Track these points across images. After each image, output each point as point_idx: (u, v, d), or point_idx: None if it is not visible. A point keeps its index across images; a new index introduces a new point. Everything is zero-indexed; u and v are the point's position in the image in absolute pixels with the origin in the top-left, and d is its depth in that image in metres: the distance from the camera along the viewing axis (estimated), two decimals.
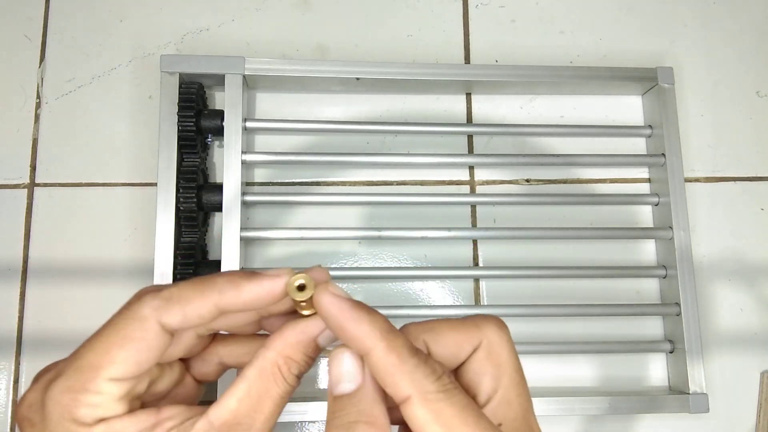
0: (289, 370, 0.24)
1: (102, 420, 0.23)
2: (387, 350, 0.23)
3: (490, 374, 0.25)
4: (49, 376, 0.24)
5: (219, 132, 0.51)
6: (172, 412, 0.24)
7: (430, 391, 0.22)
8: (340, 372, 0.23)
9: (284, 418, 0.47)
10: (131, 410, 0.24)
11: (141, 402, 0.25)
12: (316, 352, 0.25)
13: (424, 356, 0.23)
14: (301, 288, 0.25)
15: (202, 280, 0.25)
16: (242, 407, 0.23)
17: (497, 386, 0.25)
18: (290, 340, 0.24)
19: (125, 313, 0.24)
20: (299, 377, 0.25)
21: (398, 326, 0.26)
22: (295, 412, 0.47)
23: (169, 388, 0.27)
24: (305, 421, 0.51)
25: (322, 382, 0.52)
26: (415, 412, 0.22)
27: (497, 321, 0.26)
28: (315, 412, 0.47)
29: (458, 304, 0.54)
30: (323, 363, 0.52)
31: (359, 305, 0.24)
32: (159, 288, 0.25)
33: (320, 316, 0.24)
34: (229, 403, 0.23)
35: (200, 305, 0.24)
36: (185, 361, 0.29)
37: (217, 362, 0.29)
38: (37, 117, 0.55)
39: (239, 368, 0.28)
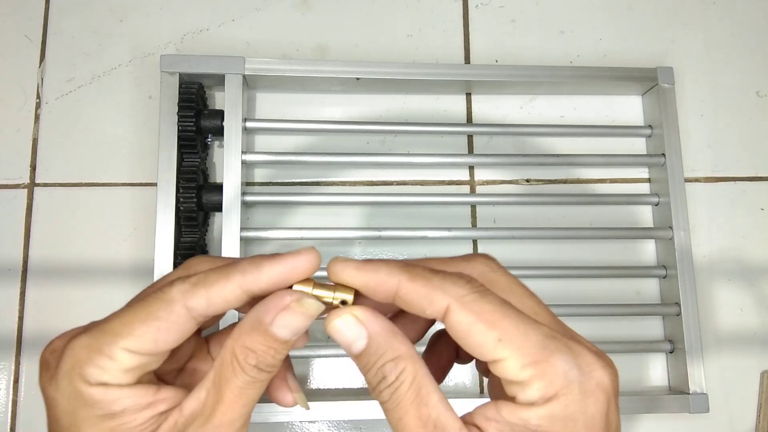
0: (245, 360, 0.24)
1: (103, 384, 0.23)
2: (411, 278, 0.24)
3: (479, 330, 0.24)
4: (78, 329, 0.25)
5: (219, 132, 0.51)
6: (167, 394, 0.24)
7: (464, 294, 0.23)
8: (346, 336, 0.24)
9: (285, 417, 0.47)
10: (138, 382, 0.24)
11: (156, 374, 0.26)
12: (277, 343, 0.24)
13: (444, 272, 0.24)
14: (306, 282, 0.25)
15: (226, 264, 0.25)
16: (208, 397, 0.24)
17: (497, 332, 0.24)
18: (244, 328, 0.24)
19: (157, 294, 0.24)
20: (260, 368, 0.24)
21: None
22: (295, 411, 0.47)
23: (184, 362, 0.28)
24: (305, 421, 0.51)
25: (317, 383, 0.52)
26: (457, 318, 0.23)
27: (483, 255, 0.27)
28: (316, 412, 0.47)
29: None
30: (317, 362, 0.52)
31: (367, 261, 0.25)
32: (188, 273, 0.25)
33: (341, 281, 0.25)
34: (199, 393, 0.24)
35: (224, 287, 0.24)
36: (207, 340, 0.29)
37: None
38: (37, 117, 0.55)
39: None
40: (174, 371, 0.28)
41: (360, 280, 0.25)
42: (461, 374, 0.53)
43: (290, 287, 0.25)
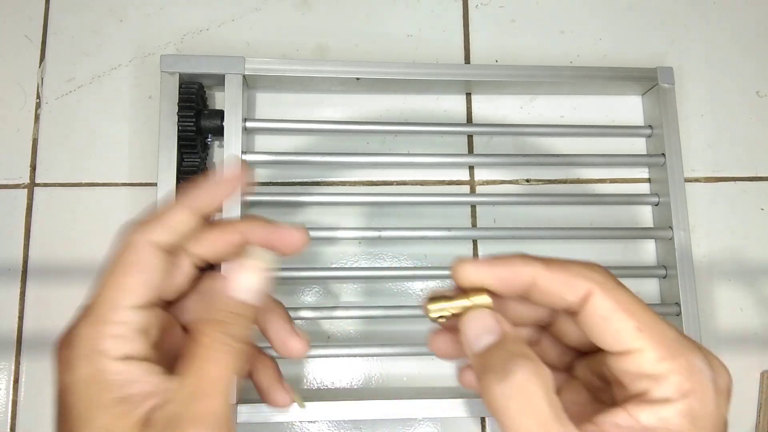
0: (216, 332, 0.25)
1: (126, 357, 0.24)
2: (547, 267, 0.25)
3: (619, 317, 0.24)
4: (74, 320, 0.25)
5: (219, 132, 0.51)
6: (170, 385, 0.25)
7: (605, 282, 0.24)
8: (479, 328, 0.24)
9: (285, 417, 0.47)
10: (155, 349, 0.25)
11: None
12: (240, 307, 0.25)
13: (578, 261, 0.25)
14: (435, 300, 0.26)
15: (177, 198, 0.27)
16: (188, 380, 0.24)
17: (635, 323, 0.24)
18: (210, 304, 0.26)
19: (118, 246, 0.25)
20: (232, 337, 0.25)
21: (399, 326, 0.26)
22: (294, 412, 0.47)
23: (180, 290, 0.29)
24: (305, 421, 0.51)
25: (317, 383, 0.52)
26: (598, 303, 0.23)
27: (598, 265, 0.27)
28: (316, 412, 0.47)
29: None
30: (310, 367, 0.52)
31: (495, 257, 0.26)
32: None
33: (474, 282, 0.26)
34: (181, 378, 0.25)
35: (173, 212, 0.26)
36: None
37: None
38: (37, 117, 0.55)
39: None
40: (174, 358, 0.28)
41: (494, 275, 0.25)
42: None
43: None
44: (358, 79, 0.53)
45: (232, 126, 0.51)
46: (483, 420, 0.53)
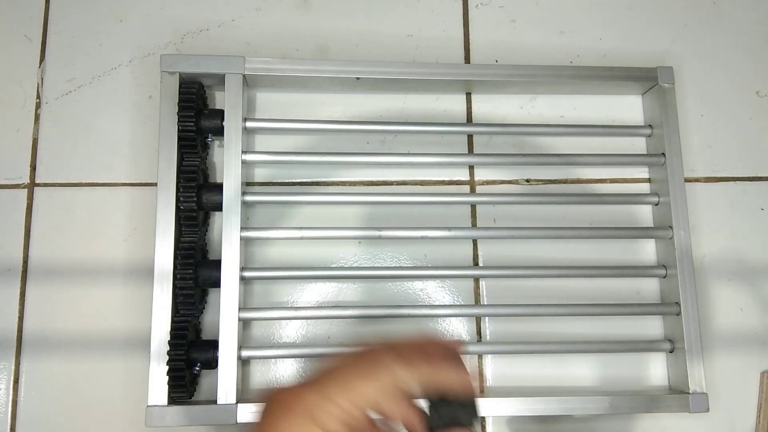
0: None
1: (326, 429, 0.29)
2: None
3: None
4: (303, 384, 0.31)
5: (219, 132, 0.51)
6: None
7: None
8: None
9: None
10: None
11: None
12: None
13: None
14: None
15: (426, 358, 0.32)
16: None
17: None
18: None
19: (372, 358, 0.32)
20: None
21: (399, 326, 0.28)
22: None
23: None
24: None
25: None
26: None
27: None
28: None
29: (458, 303, 0.54)
30: None
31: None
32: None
33: None
34: None
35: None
36: None
37: None
38: (37, 117, 0.55)
39: None
40: None
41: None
42: None
43: None
44: (358, 78, 0.53)
45: (232, 126, 0.51)
46: (483, 420, 0.53)
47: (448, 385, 0.31)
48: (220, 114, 0.51)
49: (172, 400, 0.47)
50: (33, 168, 0.54)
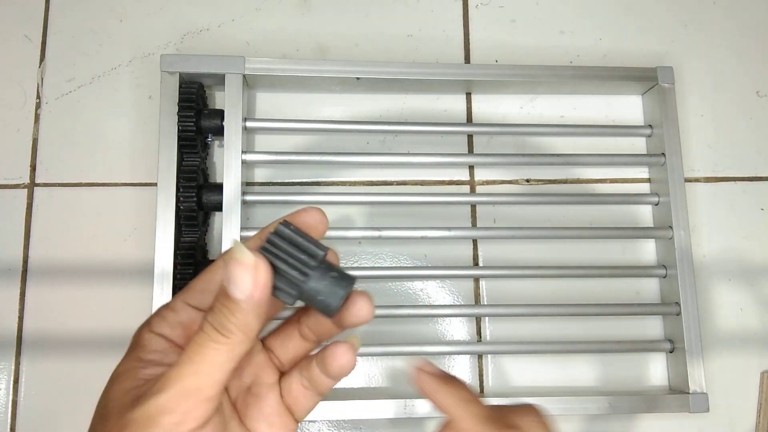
0: (205, 321, 0.25)
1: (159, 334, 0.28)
2: (465, 416, 0.27)
3: None
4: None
5: (219, 132, 0.51)
6: None
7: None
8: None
9: None
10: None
11: None
12: (229, 301, 0.24)
13: (496, 423, 0.27)
14: None
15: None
16: (180, 362, 0.26)
17: None
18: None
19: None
20: (216, 329, 0.24)
21: (399, 326, 0.26)
22: None
23: None
24: (305, 421, 0.51)
25: None
26: None
27: (535, 414, 0.29)
28: (316, 412, 0.47)
29: (458, 303, 0.54)
30: None
31: (444, 378, 0.29)
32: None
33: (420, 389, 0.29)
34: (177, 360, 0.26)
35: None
36: None
37: None
38: (37, 117, 0.55)
39: None
40: None
41: (428, 395, 0.29)
42: (461, 375, 0.53)
43: None
44: (358, 78, 0.53)
45: (232, 126, 0.51)
46: None
47: None
48: (220, 114, 0.51)
49: None
50: (33, 168, 0.54)
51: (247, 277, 0.23)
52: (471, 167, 0.57)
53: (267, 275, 0.23)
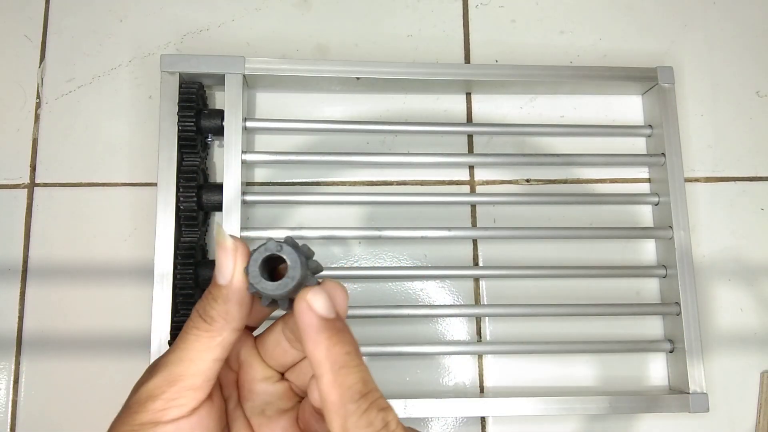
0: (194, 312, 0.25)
1: None
2: (332, 384, 0.22)
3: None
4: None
5: (219, 132, 0.51)
6: None
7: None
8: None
9: None
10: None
11: None
12: (215, 288, 0.24)
13: (368, 403, 0.22)
14: None
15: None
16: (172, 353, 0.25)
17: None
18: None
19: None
20: (202, 317, 0.24)
21: (398, 328, 0.25)
22: None
23: None
24: None
25: None
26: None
27: None
28: None
29: (458, 303, 0.54)
30: None
31: (330, 326, 0.23)
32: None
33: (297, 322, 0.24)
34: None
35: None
36: None
37: None
38: (37, 117, 0.55)
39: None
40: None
41: (301, 335, 0.24)
42: (461, 374, 0.53)
43: None
44: (358, 78, 0.53)
45: (232, 126, 0.51)
46: (483, 420, 0.53)
47: None
48: (220, 114, 0.51)
49: None
50: (33, 168, 0.54)
51: (229, 263, 0.23)
52: (471, 167, 0.57)
53: (244, 259, 0.24)
